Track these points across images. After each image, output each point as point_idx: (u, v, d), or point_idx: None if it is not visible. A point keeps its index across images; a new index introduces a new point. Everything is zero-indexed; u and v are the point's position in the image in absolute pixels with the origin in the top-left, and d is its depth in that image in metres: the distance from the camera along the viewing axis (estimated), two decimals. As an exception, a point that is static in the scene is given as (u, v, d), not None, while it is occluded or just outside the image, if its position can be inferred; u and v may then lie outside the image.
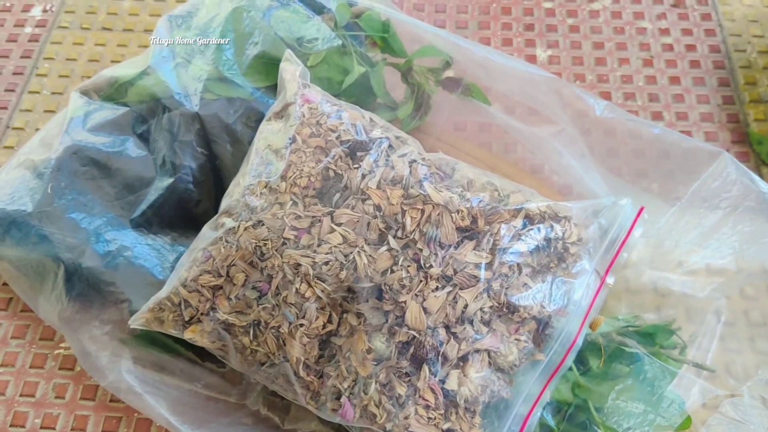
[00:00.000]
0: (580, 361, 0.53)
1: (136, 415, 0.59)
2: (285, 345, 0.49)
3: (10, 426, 0.59)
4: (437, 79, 0.66)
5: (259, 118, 0.60)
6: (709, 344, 0.59)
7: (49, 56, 0.82)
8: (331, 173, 0.51)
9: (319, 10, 0.64)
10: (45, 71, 0.81)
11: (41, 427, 0.59)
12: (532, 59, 0.81)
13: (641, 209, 0.52)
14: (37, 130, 0.76)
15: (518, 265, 0.49)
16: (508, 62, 0.61)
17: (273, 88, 0.61)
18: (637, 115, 0.77)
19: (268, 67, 0.62)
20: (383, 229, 0.49)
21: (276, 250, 0.49)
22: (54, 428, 0.59)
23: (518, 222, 0.49)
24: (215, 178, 0.61)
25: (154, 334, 0.58)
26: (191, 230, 0.60)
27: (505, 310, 0.48)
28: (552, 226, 0.50)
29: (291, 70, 0.57)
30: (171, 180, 0.60)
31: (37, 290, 0.60)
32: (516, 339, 0.49)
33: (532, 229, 0.49)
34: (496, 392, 0.48)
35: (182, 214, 0.61)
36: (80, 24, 0.85)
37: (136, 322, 0.54)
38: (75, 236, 0.59)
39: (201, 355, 0.58)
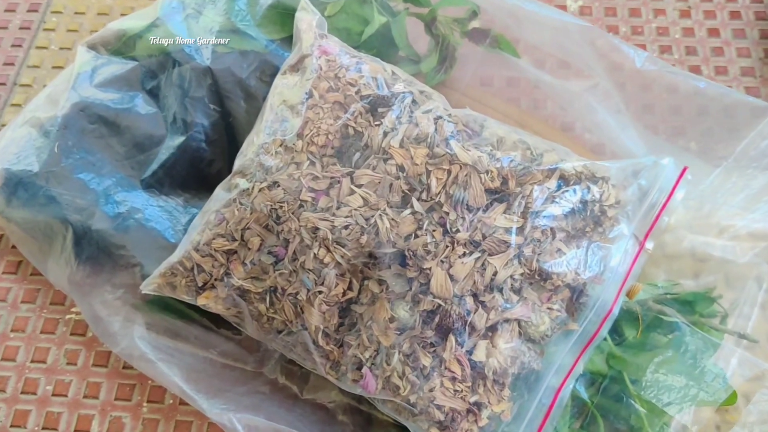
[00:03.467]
0: (615, 330, 0.50)
1: (149, 382, 0.57)
2: (303, 313, 0.47)
3: (21, 393, 0.57)
4: (463, 30, 0.62)
5: (274, 73, 0.57)
6: (750, 312, 0.55)
7: (57, 9, 0.79)
8: (351, 131, 0.48)
9: (338, -44, 0.60)
10: (52, 25, 0.78)
11: (53, 394, 0.57)
12: (562, 9, 0.77)
13: (684, 169, 0.48)
14: (45, 86, 0.73)
15: (552, 229, 0.45)
16: (541, 10, 0.57)
17: (288, 40, 0.58)
18: (674, 69, 0.72)
19: (283, 17, 0.58)
20: (407, 191, 0.45)
21: (293, 213, 0.46)
22: (66, 395, 0.57)
23: (552, 183, 0.46)
24: (229, 136, 0.58)
25: (167, 300, 0.55)
26: (204, 191, 0.58)
27: (537, 277, 0.45)
28: (588, 188, 0.46)
29: (307, 20, 0.53)
30: (182, 138, 0.57)
31: (46, 253, 0.58)
32: (548, 308, 0.45)
33: (567, 191, 0.46)
34: (527, 364, 0.46)
35: (195, 174, 0.58)
36: (88, -25, 0.81)
37: (147, 287, 0.52)
38: (84, 197, 0.57)
39: (216, 321, 0.55)
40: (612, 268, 0.47)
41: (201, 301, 0.50)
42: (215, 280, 0.49)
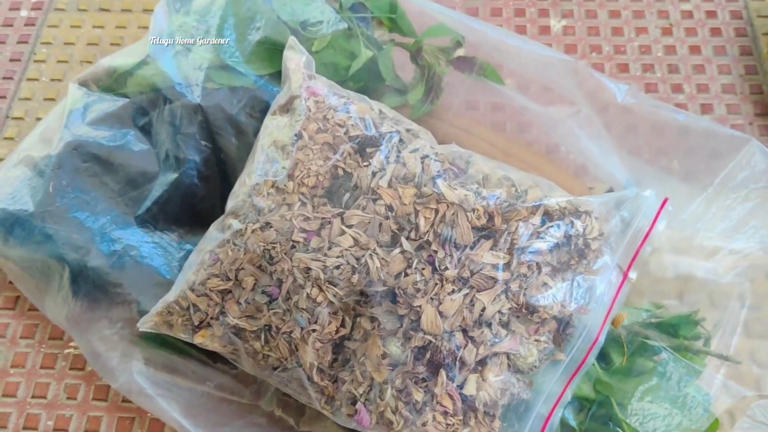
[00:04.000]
0: (602, 357, 0.51)
1: (149, 415, 0.58)
2: (297, 350, 0.48)
3: (23, 429, 0.58)
4: (448, 58, 0.63)
5: (264, 108, 0.58)
6: (733, 330, 0.57)
7: (47, 41, 0.79)
8: (340, 171, 0.49)
9: (323, -10, 0.61)
10: (43, 57, 0.78)
11: (54, 429, 0.58)
12: (545, 30, 0.78)
13: (665, 200, 0.49)
14: (37, 119, 0.74)
15: (537, 264, 0.47)
16: (523, 45, 0.58)
17: (277, 75, 0.59)
18: (656, 89, 0.74)
19: (271, 53, 0.59)
20: (396, 231, 0.47)
21: (285, 254, 0.48)
22: (67, 430, 0.58)
23: (537, 219, 0.47)
24: (221, 172, 0.59)
25: (164, 335, 0.56)
26: (198, 226, 0.59)
27: (524, 311, 0.46)
28: (572, 222, 0.48)
29: (295, 60, 0.54)
30: (175, 175, 0.58)
31: (43, 291, 0.59)
32: (536, 340, 0.47)
33: (551, 227, 0.47)
34: (516, 394, 0.47)
35: (188, 209, 0.59)
36: (77, 5, 0.82)
37: (144, 326, 0.53)
38: (79, 236, 0.58)
39: (212, 356, 0.56)
40: (597, 298, 0.48)
41: (197, 340, 0.51)
42: (211, 318, 0.50)
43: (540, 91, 0.66)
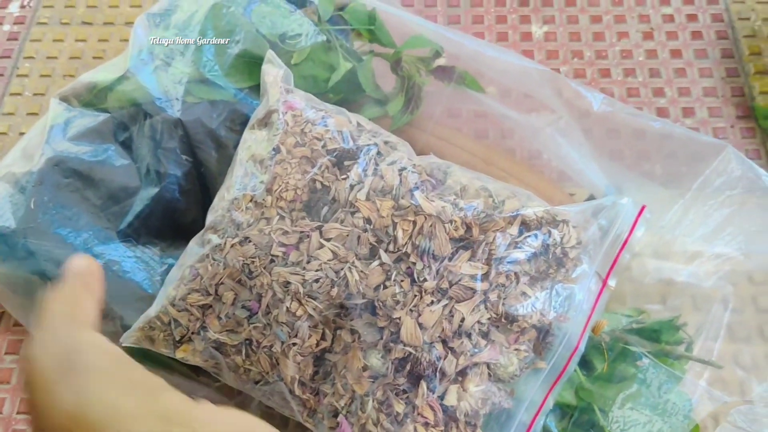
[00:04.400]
0: (584, 363, 0.51)
1: (134, 430, 0.58)
2: (278, 364, 0.48)
3: (9, 446, 0.58)
4: (428, 68, 0.63)
5: (244, 121, 0.58)
6: (716, 335, 0.57)
7: (29, 55, 0.80)
8: (318, 185, 0.49)
9: (302, 3, 0.61)
10: (26, 71, 0.79)
11: (40, 446, 0.58)
12: (527, 36, 0.78)
13: (642, 208, 0.50)
14: (20, 134, 0.74)
15: (515, 274, 0.47)
16: (501, 56, 0.58)
17: (257, 89, 0.59)
18: (638, 93, 0.74)
19: (250, 66, 0.59)
20: (374, 243, 0.47)
21: (264, 268, 0.48)
22: (53, 447, 0.58)
23: (514, 230, 0.47)
24: (201, 186, 0.60)
25: (147, 350, 0.57)
26: (180, 240, 0.59)
27: (503, 320, 0.46)
28: (549, 232, 0.48)
29: (273, 73, 0.54)
30: (156, 189, 0.58)
31: (28, 308, 0.59)
32: (516, 349, 0.47)
33: (529, 236, 0.47)
34: (497, 404, 0.47)
35: (170, 223, 0.59)
36: (60, 19, 0.82)
37: (127, 341, 0.53)
38: (62, 252, 0.57)
39: (196, 369, 0.56)
40: (576, 306, 0.48)
41: (179, 354, 0.51)
42: (192, 333, 0.50)
43: (521, 98, 0.67)
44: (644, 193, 0.58)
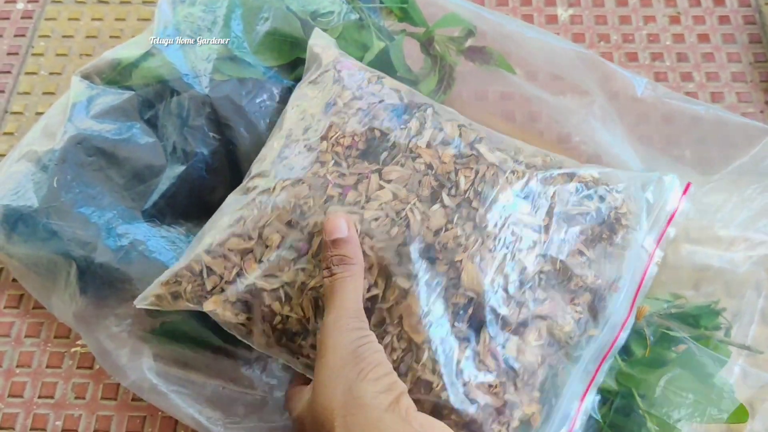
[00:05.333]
0: (624, 349, 0.50)
1: (160, 413, 0.57)
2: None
3: (31, 429, 0.57)
4: (459, 48, 0.62)
5: (274, 99, 0.57)
6: (750, 320, 0.57)
7: (45, 33, 0.78)
8: (377, 133, 0.48)
9: (332, -21, 0.60)
10: (41, 50, 0.77)
11: (63, 430, 0.57)
12: (552, 19, 0.77)
13: (688, 185, 0.49)
14: (37, 114, 0.72)
15: (574, 230, 0.47)
16: (537, 35, 0.57)
17: (287, 67, 0.58)
18: (666, 78, 0.73)
19: (280, 44, 0.58)
20: (436, 188, 0.46)
21: (319, 208, 0.46)
22: (76, 430, 0.57)
23: (572, 187, 0.48)
24: (230, 164, 0.58)
25: (174, 328, 0.55)
26: (207, 219, 0.57)
27: (561, 276, 0.46)
28: (604, 195, 0.48)
29: (323, 42, 0.54)
30: (183, 168, 0.57)
31: (50, 289, 0.58)
32: (573, 309, 0.46)
33: (586, 195, 0.48)
34: (554, 366, 0.46)
35: (196, 202, 0.58)
36: (74, -3, 0.80)
37: (144, 302, 0.50)
38: (85, 231, 0.56)
39: (224, 351, 0.55)
40: (626, 276, 0.48)
41: (208, 307, 0.48)
42: (226, 282, 0.48)
43: (549, 80, 0.66)
44: (678, 175, 0.57)
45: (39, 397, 0.58)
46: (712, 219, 0.56)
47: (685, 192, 0.49)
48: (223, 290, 0.48)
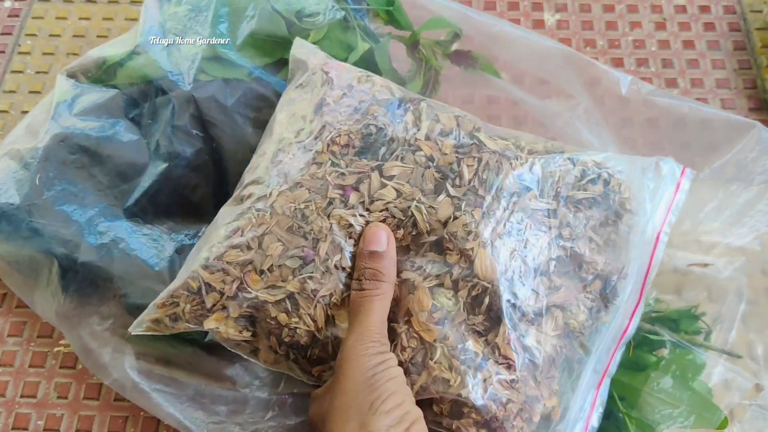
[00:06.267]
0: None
1: (142, 413, 0.57)
2: (335, 319, 0.45)
3: (12, 429, 0.56)
4: (445, 52, 0.62)
5: (258, 99, 0.57)
6: (731, 325, 0.57)
7: (31, 32, 0.78)
8: (373, 129, 0.48)
9: (319, -20, 0.60)
10: (27, 48, 0.77)
11: (44, 429, 0.57)
12: (539, 24, 0.78)
13: (684, 168, 0.50)
14: (22, 112, 0.72)
15: (581, 215, 0.47)
16: (523, 35, 0.57)
17: (271, 67, 0.58)
18: (651, 83, 0.73)
19: (264, 43, 0.58)
20: (439, 179, 0.46)
21: (321, 212, 0.45)
22: (58, 430, 0.57)
23: (577, 171, 0.47)
24: (214, 163, 0.58)
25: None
26: (189, 218, 0.58)
27: (573, 262, 0.46)
28: (608, 179, 0.48)
29: (307, 49, 0.54)
30: (165, 165, 0.57)
31: (32, 287, 0.58)
32: (585, 296, 0.46)
33: (590, 180, 0.47)
34: (569, 358, 0.46)
35: (179, 201, 0.58)
36: (62, -4, 0.80)
37: (138, 329, 0.48)
38: (67, 229, 0.56)
39: (206, 347, 0.55)
40: (634, 262, 0.48)
41: (210, 325, 0.46)
42: (227, 298, 0.46)
43: (536, 83, 0.66)
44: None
45: (21, 396, 0.58)
46: (695, 220, 0.56)
47: (683, 174, 0.50)
48: (224, 307, 0.46)
